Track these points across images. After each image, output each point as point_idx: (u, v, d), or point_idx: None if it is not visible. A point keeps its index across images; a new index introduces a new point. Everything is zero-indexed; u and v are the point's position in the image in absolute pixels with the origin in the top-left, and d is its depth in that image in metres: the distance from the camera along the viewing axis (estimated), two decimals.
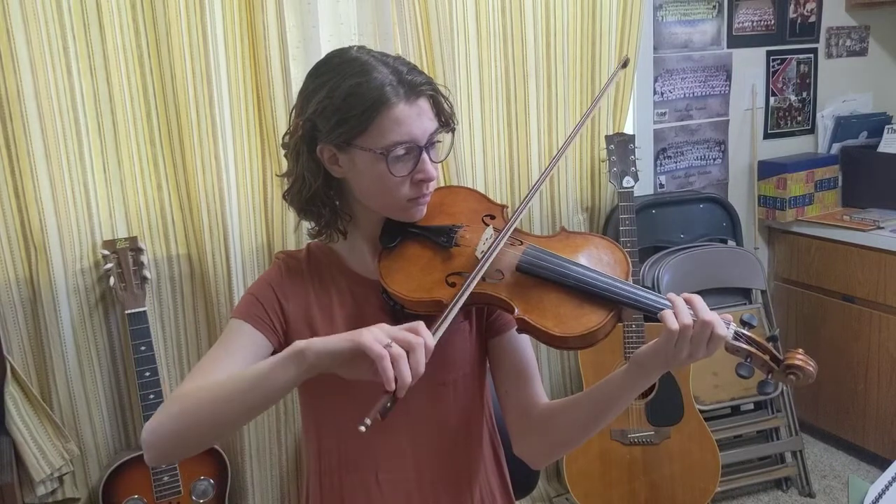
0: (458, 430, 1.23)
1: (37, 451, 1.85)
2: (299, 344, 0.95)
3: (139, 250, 1.91)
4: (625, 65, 1.19)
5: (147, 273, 1.92)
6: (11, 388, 1.84)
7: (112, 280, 1.88)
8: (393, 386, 0.88)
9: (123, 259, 1.88)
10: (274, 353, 1.17)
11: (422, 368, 0.91)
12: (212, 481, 1.98)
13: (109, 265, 1.88)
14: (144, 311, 1.90)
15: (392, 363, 0.88)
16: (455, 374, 1.20)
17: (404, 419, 1.17)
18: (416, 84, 1.08)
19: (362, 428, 0.86)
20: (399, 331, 0.92)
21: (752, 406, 2.68)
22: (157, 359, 1.93)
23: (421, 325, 0.94)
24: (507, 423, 1.22)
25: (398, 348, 0.90)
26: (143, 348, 1.88)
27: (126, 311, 1.89)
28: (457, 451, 1.24)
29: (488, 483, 1.29)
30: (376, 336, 0.91)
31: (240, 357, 1.12)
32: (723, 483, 2.43)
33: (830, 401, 2.84)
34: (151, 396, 1.87)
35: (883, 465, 2.69)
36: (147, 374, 1.87)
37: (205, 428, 1.01)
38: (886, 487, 1.18)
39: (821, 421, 2.91)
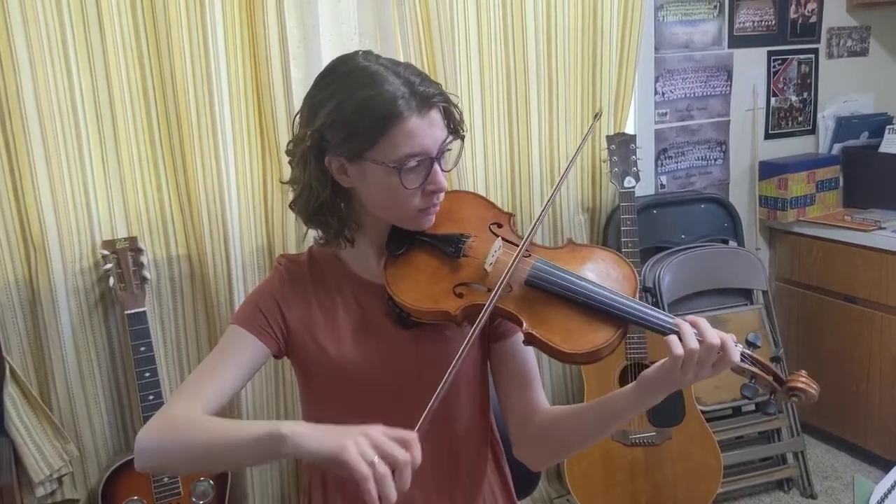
0: (460, 433, 1.23)
1: (36, 452, 1.84)
2: (283, 429, 0.91)
3: (139, 251, 1.90)
4: (597, 117, 1.20)
5: (147, 273, 1.91)
6: (11, 389, 1.83)
7: (112, 280, 1.87)
8: None
9: (123, 259, 1.88)
10: (275, 357, 1.18)
11: (407, 486, 0.86)
12: (211, 482, 1.98)
13: (109, 265, 1.87)
14: (144, 312, 1.89)
15: (376, 483, 0.84)
16: (457, 379, 1.19)
17: (407, 425, 1.17)
18: (429, 96, 1.07)
19: None
20: (388, 443, 0.87)
21: (753, 407, 2.67)
22: (157, 359, 1.92)
23: (413, 439, 0.89)
24: (508, 427, 1.22)
25: (383, 468, 0.85)
26: (142, 349, 1.87)
27: (126, 312, 1.88)
28: (459, 454, 1.23)
29: (490, 485, 1.29)
30: (362, 450, 0.85)
31: (236, 365, 1.12)
32: (724, 484, 2.42)
33: (832, 402, 2.83)
34: (151, 397, 1.86)
35: (884, 465, 2.69)
36: (147, 374, 1.87)
37: (183, 464, 1.04)
38: (890, 490, 1.17)
39: (822, 422, 2.91)
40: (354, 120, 1.05)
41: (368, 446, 0.86)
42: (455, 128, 1.14)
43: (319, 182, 1.11)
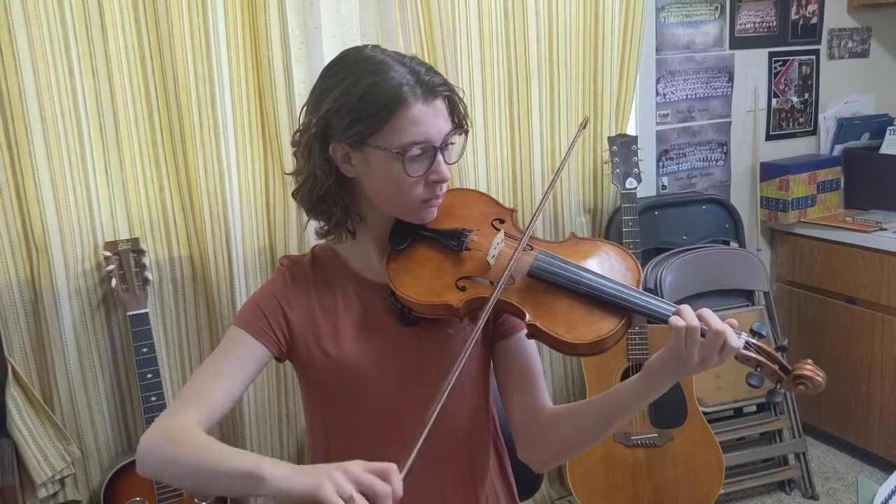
0: (463, 433, 1.22)
1: (38, 453, 1.84)
2: (264, 468, 0.90)
3: (141, 252, 1.90)
4: (584, 126, 1.19)
5: (149, 274, 1.91)
6: (13, 390, 1.83)
7: (114, 281, 1.87)
8: None
9: (125, 260, 1.88)
10: (277, 359, 1.18)
11: None
12: None
13: (111, 266, 1.87)
14: (146, 313, 1.89)
15: None
16: (460, 378, 1.19)
17: (410, 423, 1.16)
18: (434, 84, 1.07)
19: None
20: (366, 476, 0.86)
21: (754, 408, 2.68)
22: (159, 360, 1.92)
23: (393, 470, 0.87)
24: (512, 426, 1.22)
25: (362, 501, 0.84)
26: (144, 350, 1.87)
27: (128, 313, 1.88)
28: (462, 455, 1.23)
29: (492, 485, 1.29)
30: (339, 486, 0.84)
31: (238, 368, 1.12)
32: (726, 485, 2.42)
33: (833, 403, 2.83)
34: (153, 398, 1.86)
35: (886, 466, 2.69)
36: (149, 375, 1.87)
37: (178, 481, 1.04)
38: (895, 491, 1.17)
39: (824, 423, 2.91)
40: (360, 105, 1.05)
41: (345, 481, 0.85)
42: (459, 122, 1.14)
43: (323, 170, 1.11)
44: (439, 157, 1.09)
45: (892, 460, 2.64)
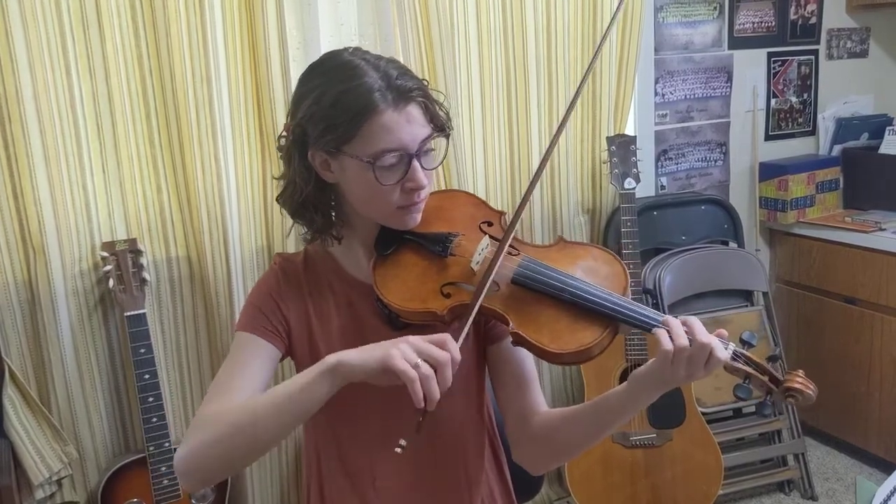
0: (457, 437, 1.22)
1: (35, 454, 1.83)
2: (330, 360, 0.97)
3: (138, 252, 1.90)
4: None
5: (146, 275, 1.91)
6: (10, 391, 1.83)
7: (111, 282, 1.87)
8: (423, 405, 0.92)
9: (122, 261, 1.87)
10: (282, 358, 1.18)
11: (449, 382, 0.93)
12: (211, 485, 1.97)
13: (108, 267, 1.87)
14: (144, 314, 1.88)
15: (422, 383, 0.91)
16: (454, 382, 1.19)
17: (397, 428, 1.16)
18: (406, 90, 1.05)
19: (398, 450, 0.92)
20: (427, 346, 0.94)
21: (753, 409, 2.67)
22: (157, 361, 1.91)
23: (448, 338, 0.96)
24: (506, 429, 1.21)
25: (427, 368, 0.92)
26: (142, 350, 1.86)
27: (125, 314, 1.88)
28: (456, 458, 1.22)
29: (489, 489, 1.28)
30: (406, 355, 0.92)
31: (255, 369, 1.11)
32: (725, 486, 2.42)
33: (832, 403, 2.83)
34: (150, 399, 1.86)
35: (885, 467, 2.69)
36: (146, 376, 1.86)
37: (245, 450, 1.02)
38: (893, 492, 1.17)
39: (823, 424, 2.90)
40: (332, 113, 1.04)
41: (411, 350, 0.93)
42: (441, 125, 1.11)
43: (302, 177, 1.11)
44: (415, 163, 1.07)
45: (892, 461, 2.63)
